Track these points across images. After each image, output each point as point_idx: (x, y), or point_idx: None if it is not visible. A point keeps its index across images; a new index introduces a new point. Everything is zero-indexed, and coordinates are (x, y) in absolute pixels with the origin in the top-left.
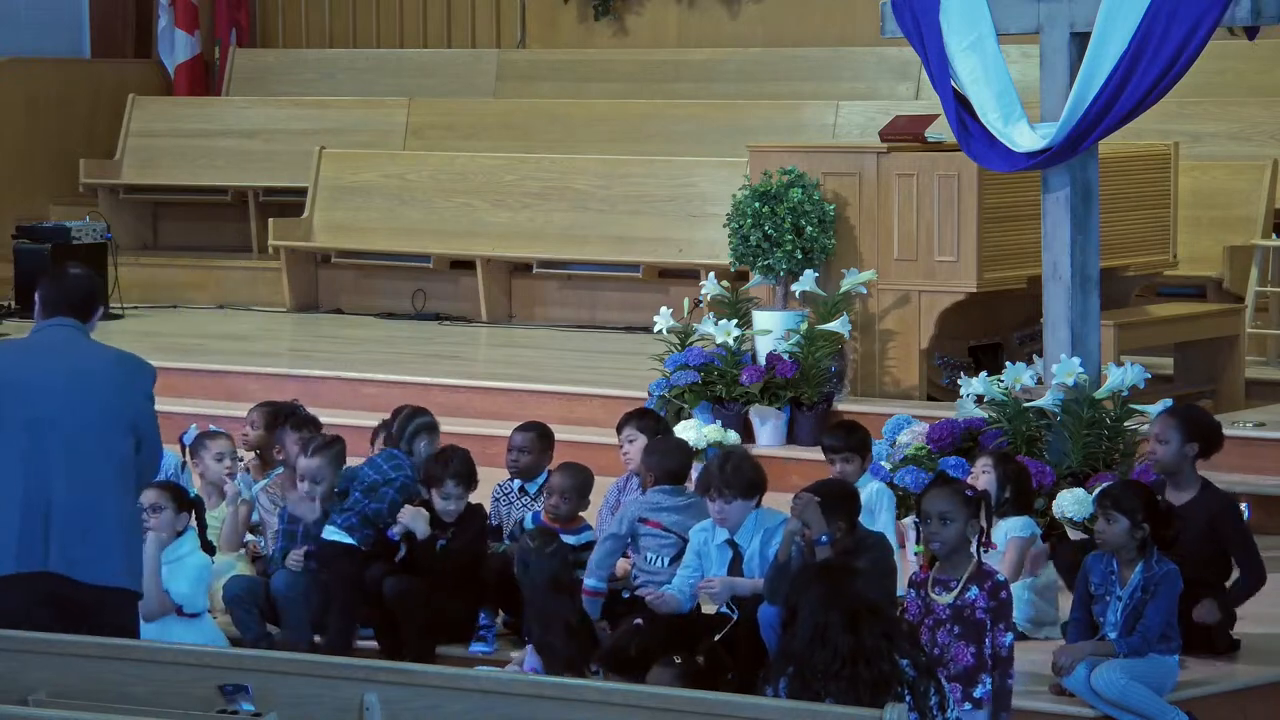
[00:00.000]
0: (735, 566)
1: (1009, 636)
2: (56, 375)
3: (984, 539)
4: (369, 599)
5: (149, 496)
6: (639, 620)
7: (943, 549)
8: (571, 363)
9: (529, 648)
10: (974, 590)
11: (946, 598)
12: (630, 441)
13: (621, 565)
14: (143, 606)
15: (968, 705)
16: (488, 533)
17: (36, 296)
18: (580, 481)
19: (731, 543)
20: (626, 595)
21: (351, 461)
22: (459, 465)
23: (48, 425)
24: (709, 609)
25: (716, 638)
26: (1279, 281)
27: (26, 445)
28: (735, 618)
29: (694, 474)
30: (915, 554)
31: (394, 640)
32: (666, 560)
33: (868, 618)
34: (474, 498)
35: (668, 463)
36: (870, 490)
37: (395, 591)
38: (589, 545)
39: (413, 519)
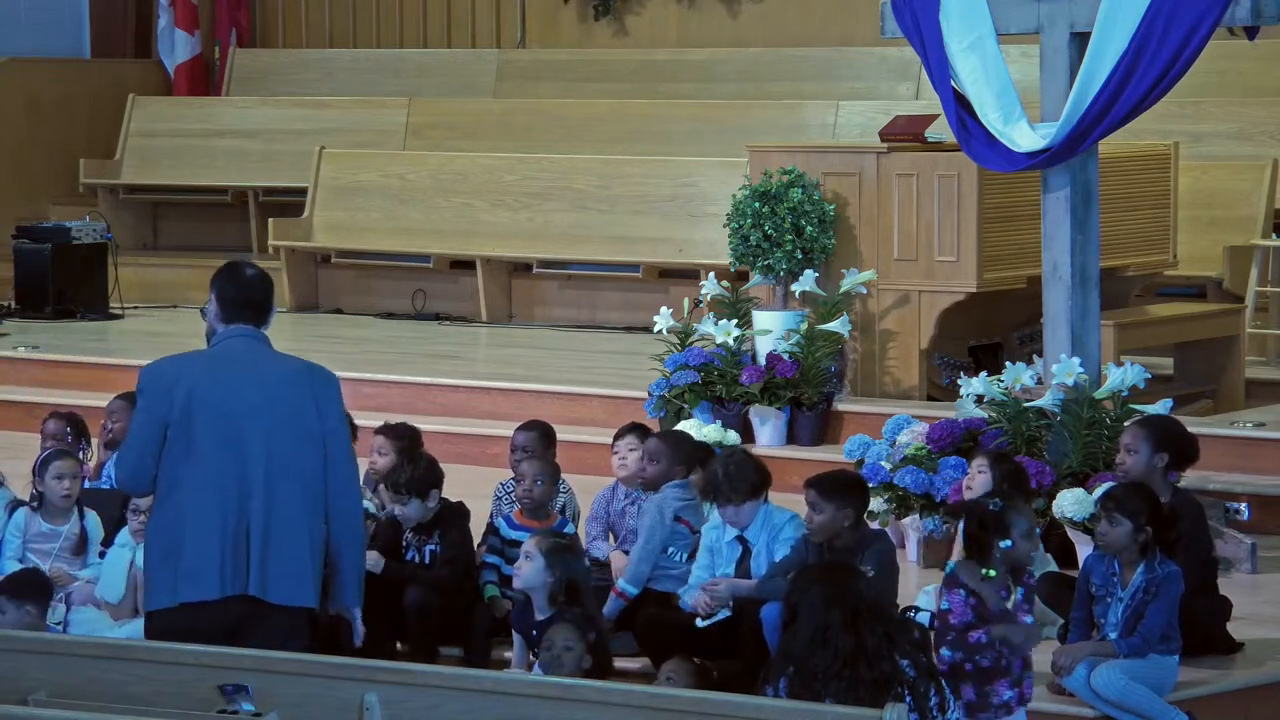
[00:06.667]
0: (745, 562)
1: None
2: (249, 391)
3: None
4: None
5: (145, 501)
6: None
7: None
8: (571, 363)
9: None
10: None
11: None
12: (631, 450)
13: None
14: (130, 605)
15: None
16: (469, 535)
17: (213, 295)
18: (552, 467)
19: (742, 539)
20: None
21: None
22: (399, 476)
23: (243, 444)
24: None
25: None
26: (1279, 281)
27: (222, 466)
28: (728, 616)
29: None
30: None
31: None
32: (685, 556)
33: (868, 618)
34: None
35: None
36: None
37: (416, 603)
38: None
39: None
